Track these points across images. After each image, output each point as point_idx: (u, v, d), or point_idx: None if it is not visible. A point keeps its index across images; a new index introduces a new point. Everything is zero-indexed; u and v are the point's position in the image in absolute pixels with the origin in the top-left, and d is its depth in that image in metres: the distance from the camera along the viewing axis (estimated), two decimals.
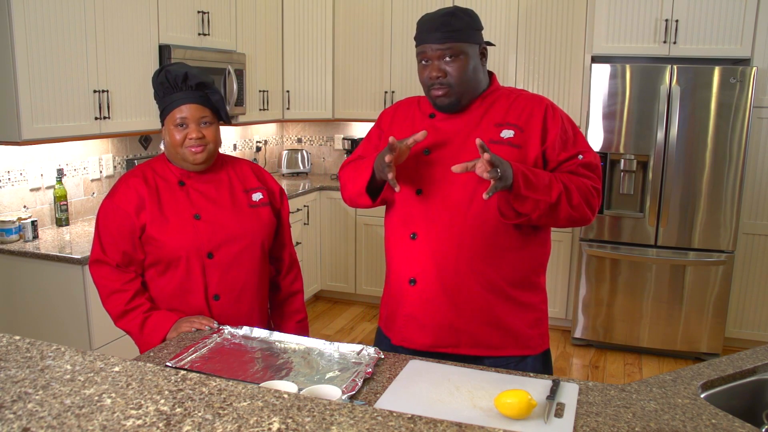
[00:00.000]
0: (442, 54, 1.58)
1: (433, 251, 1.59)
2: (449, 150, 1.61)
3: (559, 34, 4.10)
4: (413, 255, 1.62)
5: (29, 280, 2.65)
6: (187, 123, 1.68)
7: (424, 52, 1.60)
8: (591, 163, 1.61)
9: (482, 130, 1.61)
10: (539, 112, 1.61)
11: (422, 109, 1.73)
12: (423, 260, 1.60)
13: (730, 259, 3.65)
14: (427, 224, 1.60)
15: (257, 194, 1.82)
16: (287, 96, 4.64)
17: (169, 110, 1.69)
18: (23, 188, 2.93)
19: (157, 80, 1.70)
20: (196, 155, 1.70)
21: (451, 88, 1.59)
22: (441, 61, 1.58)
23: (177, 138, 1.68)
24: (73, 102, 2.78)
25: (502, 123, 1.61)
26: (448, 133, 1.63)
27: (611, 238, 3.81)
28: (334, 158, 5.13)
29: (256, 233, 1.78)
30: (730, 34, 3.60)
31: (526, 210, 1.49)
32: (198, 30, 3.55)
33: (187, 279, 1.72)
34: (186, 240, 1.69)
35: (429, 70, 1.60)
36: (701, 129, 3.56)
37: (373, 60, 4.57)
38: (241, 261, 1.76)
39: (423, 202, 1.61)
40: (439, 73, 1.58)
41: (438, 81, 1.59)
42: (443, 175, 1.60)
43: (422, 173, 1.62)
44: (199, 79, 1.70)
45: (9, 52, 2.50)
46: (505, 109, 1.63)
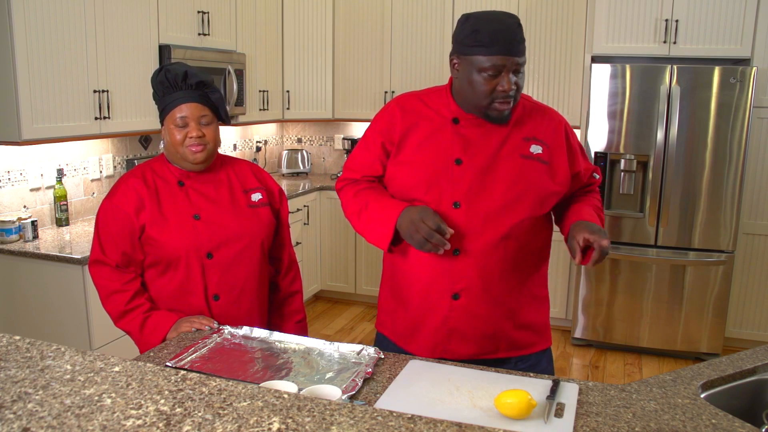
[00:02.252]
0: (519, 68, 1.51)
1: (479, 266, 1.55)
2: (481, 158, 1.56)
3: (559, 34, 4.10)
4: (457, 270, 1.56)
5: (29, 280, 2.65)
6: (187, 122, 1.68)
7: (504, 64, 1.49)
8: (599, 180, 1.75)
9: (513, 143, 1.58)
10: (561, 127, 1.63)
11: (437, 111, 1.63)
12: (469, 275, 1.56)
13: (730, 259, 3.65)
14: (470, 239, 1.55)
15: (256, 194, 1.82)
16: (287, 96, 4.64)
17: (169, 109, 1.69)
18: (23, 188, 2.93)
19: (157, 79, 1.70)
20: (196, 154, 1.70)
21: (514, 101, 1.54)
22: (515, 74, 1.51)
23: (177, 137, 1.68)
24: (73, 102, 2.78)
25: (530, 137, 1.59)
26: (476, 140, 1.58)
27: (611, 238, 3.78)
28: (334, 158, 5.13)
29: (255, 233, 1.78)
30: (730, 34, 3.60)
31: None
32: (198, 30, 3.55)
33: (186, 279, 1.71)
34: (185, 240, 1.69)
35: (502, 82, 1.50)
36: (701, 129, 3.56)
37: (373, 60, 4.57)
38: (241, 261, 1.76)
39: (462, 215, 1.55)
40: (514, 87, 1.51)
41: (509, 94, 1.51)
42: (479, 185, 1.55)
43: (457, 184, 1.56)
44: (199, 77, 1.70)
45: (9, 52, 2.50)
46: (531, 123, 1.61)
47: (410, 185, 1.59)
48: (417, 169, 1.59)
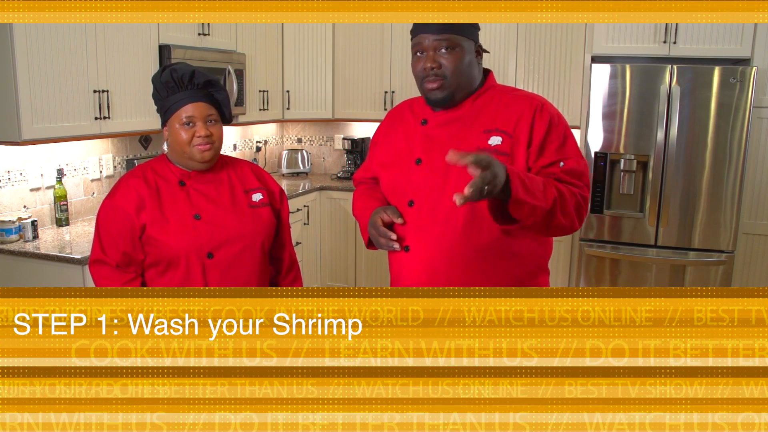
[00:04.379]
0: (439, 45, 1.53)
1: (425, 264, 1.57)
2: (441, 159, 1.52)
3: (559, 33, 4.10)
4: (406, 268, 1.60)
5: (29, 280, 2.65)
6: (194, 121, 1.68)
7: (420, 42, 1.55)
8: (575, 169, 1.53)
9: (472, 137, 1.56)
10: (528, 115, 1.55)
11: (414, 113, 1.68)
12: (417, 273, 1.58)
13: (730, 259, 3.65)
14: (418, 237, 1.58)
15: (257, 195, 1.82)
16: (287, 96, 4.65)
17: (175, 109, 1.68)
18: (23, 188, 2.93)
19: (161, 79, 1.69)
20: (204, 153, 1.70)
21: (445, 80, 1.55)
22: (436, 52, 1.54)
23: (184, 137, 1.68)
24: (73, 102, 2.78)
25: (490, 129, 1.56)
26: (441, 141, 1.59)
27: (611, 238, 3.81)
28: (334, 158, 5.13)
29: (256, 233, 1.78)
30: (730, 34, 3.60)
31: (522, 216, 1.41)
32: (198, 30, 3.55)
33: (187, 279, 1.72)
34: (186, 240, 1.70)
35: (424, 61, 1.55)
36: (701, 129, 3.57)
37: (373, 60, 4.57)
38: (242, 261, 1.76)
39: (415, 213, 1.59)
40: (434, 64, 1.53)
41: (432, 72, 1.54)
42: (435, 185, 1.57)
43: (414, 183, 1.60)
44: (207, 77, 1.70)
45: (9, 52, 2.50)
46: (495, 113, 1.58)
47: (385, 187, 1.70)
48: (387, 171, 1.68)
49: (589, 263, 3.85)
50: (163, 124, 1.75)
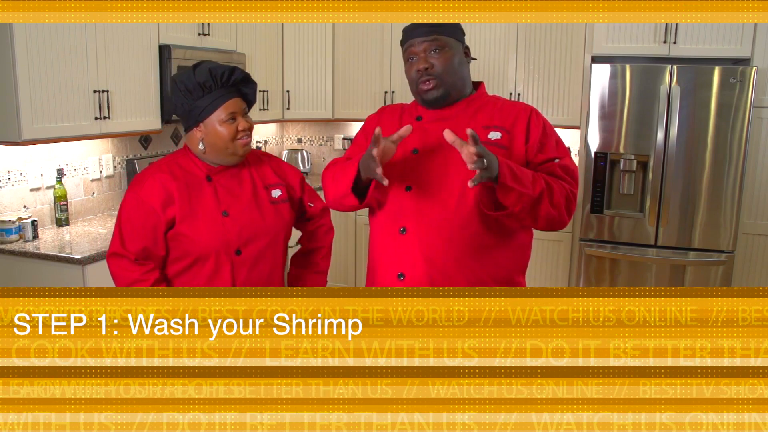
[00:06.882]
0: (429, 47, 1.62)
1: (423, 245, 1.60)
2: (438, 151, 1.63)
3: (559, 33, 4.10)
4: (402, 249, 1.63)
5: (29, 280, 2.65)
6: (236, 116, 1.70)
7: (411, 47, 1.64)
8: (569, 167, 1.63)
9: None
10: (524, 115, 1.65)
11: (409, 112, 1.75)
12: (412, 254, 1.61)
13: (730, 259, 3.65)
14: (417, 218, 1.61)
15: (276, 191, 1.84)
16: (287, 96, 4.65)
17: (213, 108, 1.68)
18: (23, 188, 2.93)
19: (196, 80, 1.67)
20: (246, 146, 1.75)
21: (438, 80, 1.62)
22: (427, 54, 1.62)
23: (227, 133, 1.69)
24: (73, 102, 2.78)
25: (489, 125, 1.64)
26: (437, 134, 1.62)
27: (611, 238, 3.81)
28: (334, 158, 5.12)
29: (278, 229, 1.81)
30: (730, 34, 3.60)
31: (509, 202, 1.49)
32: (198, 30, 3.54)
33: (215, 275, 1.72)
34: (216, 237, 1.71)
35: (416, 64, 1.63)
36: (701, 129, 3.56)
37: (373, 60, 4.57)
38: (266, 256, 1.78)
39: (413, 197, 1.63)
40: (426, 65, 1.61)
41: (426, 73, 1.62)
42: (433, 175, 1.62)
43: (412, 172, 1.64)
44: (244, 73, 1.73)
45: (9, 52, 2.50)
46: (492, 113, 1.67)
47: None
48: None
49: (589, 263, 3.85)
50: (192, 126, 1.73)
